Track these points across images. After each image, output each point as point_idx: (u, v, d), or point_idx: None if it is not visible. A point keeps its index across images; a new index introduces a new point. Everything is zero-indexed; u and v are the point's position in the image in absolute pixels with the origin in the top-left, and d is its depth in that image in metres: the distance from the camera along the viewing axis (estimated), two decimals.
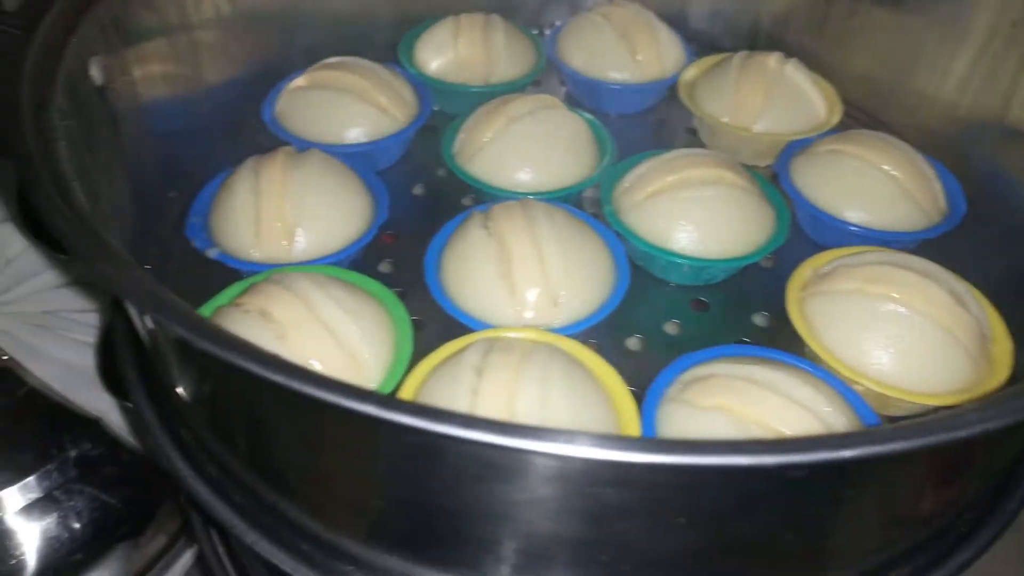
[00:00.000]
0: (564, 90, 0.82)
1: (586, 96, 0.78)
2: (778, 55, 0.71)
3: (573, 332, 0.51)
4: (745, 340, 0.58)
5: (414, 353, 0.49)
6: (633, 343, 0.57)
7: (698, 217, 0.57)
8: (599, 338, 0.57)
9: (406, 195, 0.69)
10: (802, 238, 0.65)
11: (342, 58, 0.70)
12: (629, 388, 0.53)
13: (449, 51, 0.74)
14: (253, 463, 0.43)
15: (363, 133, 0.66)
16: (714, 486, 0.32)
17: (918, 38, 0.71)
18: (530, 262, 0.52)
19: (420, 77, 0.73)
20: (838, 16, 0.77)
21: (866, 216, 0.60)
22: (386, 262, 0.63)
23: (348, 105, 0.66)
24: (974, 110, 0.67)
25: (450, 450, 0.32)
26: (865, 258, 0.53)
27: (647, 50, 0.74)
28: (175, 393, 0.45)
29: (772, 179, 0.66)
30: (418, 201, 0.69)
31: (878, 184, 0.60)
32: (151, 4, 0.59)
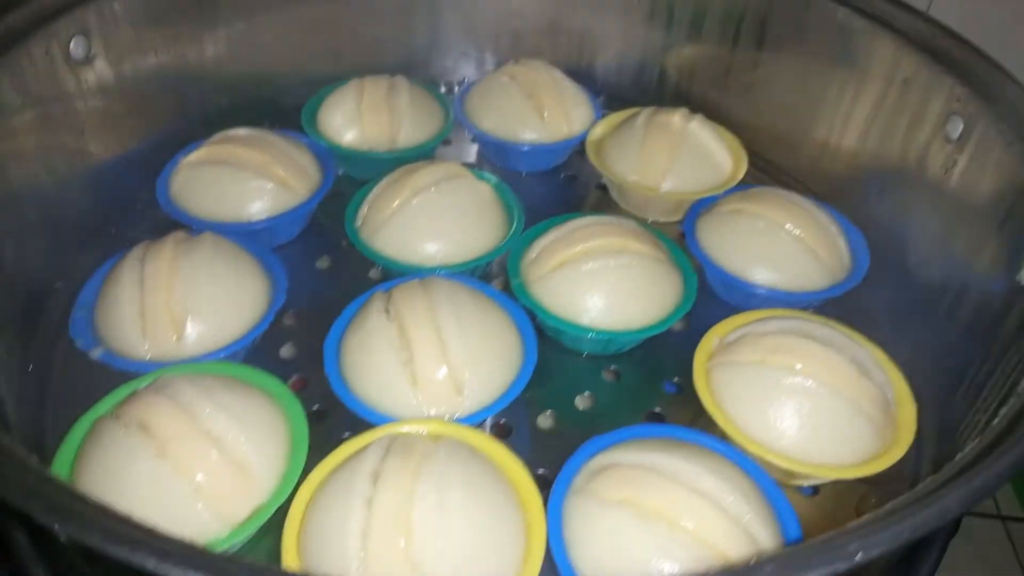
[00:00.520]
0: (476, 147, 0.81)
1: (495, 155, 0.77)
2: (683, 112, 0.71)
3: (478, 420, 0.50)
4: (658, 411, 0.57)
5: (314, 447, 0.47)
6: (545, 420, 0.56)
7: (603, 288, 0.56)
8: (510, 417, 0.56)
9: (310, 269, 0.67)
10: (712, 298, 0.65)
11: (239, 130, 0.67)
12: (540, 472, 0.52)
13: (353, 116, 0.73)
14: None
15: (262, 209, 0.64)
16: None
17: (818, 90, 0.72)
18: (431, 350, 0.50)
19: (323, 145, 0.72)
20: (741, 68, 0.77)
21: (771, 276, 0.60)
22: (288, 345, 0.60)
23: (245, 181, 0.64)
24: (875, 160, 0.69)
25: None
26: (768, 326, 0.53)
27: (554, 110, 0.74)
28: None
29: (680, 238, 0.66)
30: (322, 276, 0.66)
31: (782, 244, 0.61)
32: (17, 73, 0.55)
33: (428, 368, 0.50)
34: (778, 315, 0.55)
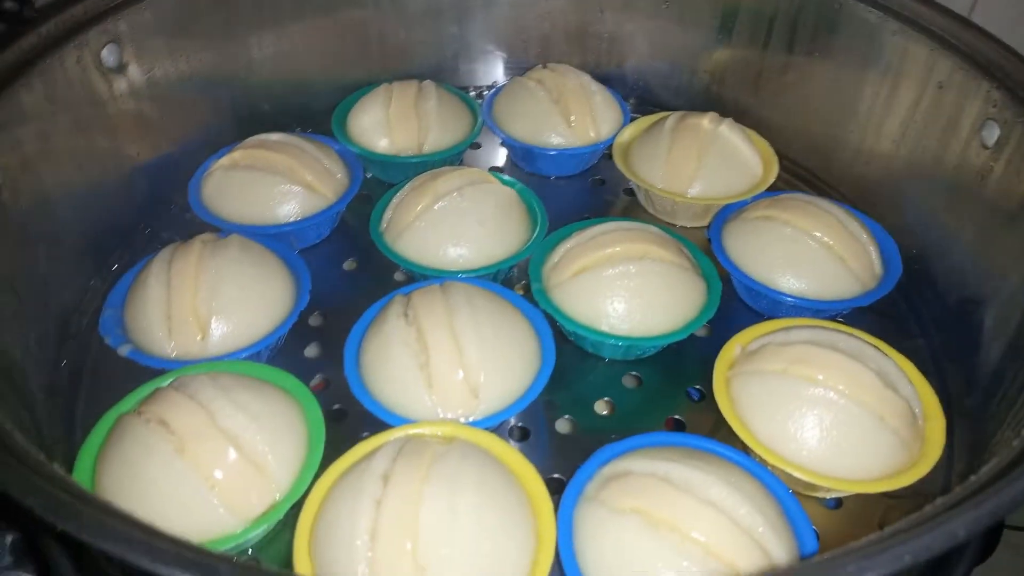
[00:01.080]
0: (505, 151, 0.81)
1: (523, 160, 0.77)
2: (712, 115, 0.70)
3: (493, 424, 0.50)
4: (679, 418, 0.56)
5: (332, 447, 0.48)
6: (563, 425, 0.56)
7: (625, 294, 0.56)
8: (528, 421, 0.56)
9: (337, 271, 0.68)
10: (738, 305, 0.64)
11: (269, 135, 0.69)
12: (555, 476, 0.52)
13: (382, 120, 0.73)
14: None
15: (290, 212, 0.65)
16: None
17: (851, 93, 0.70)
18: (447, 353, 0.50)
19: (352, 149, 0.72)
20: (772, 71, 0.76)
21: (798, 284, 0.59)
22: (313, 345, 0.61)
23: (274, 185, 0.65)
24: (909, 165, 0.67)
25: None
26: (791, 335, 0.52)
27: (581, 114, 0.74)
28: None
29: (707, 243, 0.65)
30: (348, 278, 0.67)
31: (810, 252, 0.59)
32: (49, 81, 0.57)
33: (444, 371, 0.50)
34: (801, 324, 0.54)
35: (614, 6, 0.81)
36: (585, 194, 0.77)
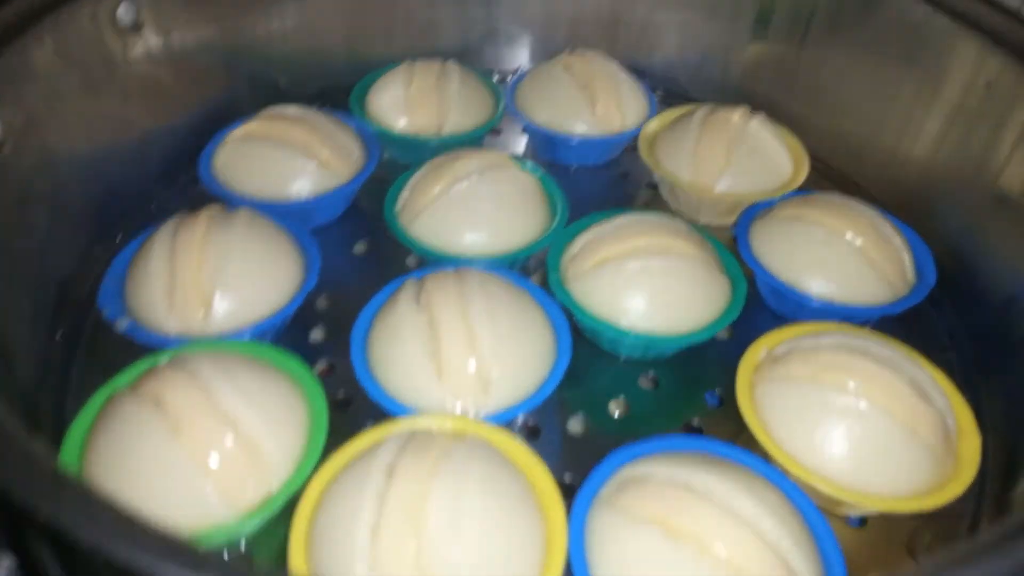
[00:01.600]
0: (526, 138, 0.79)
1: (545, 148, 0.75)
2: (743, 109, 0.68)
3: (505, 419, 0.47)
4: (696, 423, 0.54)
5: (336, 435, 0.45)
6: (576, 424, 0.54)
7: (646, 289, 0.53)
8: (539, 418, 0.54)
9: (347, 253, 0.65)
10: (761, 307, 0.61)
11: (287, 107, 0.66)
12: (566, 478, 0.49)
13: (401, 100, 0.71)
14: None
15: (303, 189, 0.63)
16: None
17: (890, 93, 0.67)
18: (459, 342, 0.48)
19: (369, 128, 0.70)
20: (808, 68, 0.73)
21: (827, 288, 0.57)
22: (318, 328, 0.59)
23: (288, 159, 0.63)
24: (948, 169, 0.64)
25: None
26: (821, 341, 0.49)
27: (608, 103, 0.71)
28: None
29: (732, 242, 0.62)
30: (359, 261, 0.65)
31: (840, 255, 0.57)
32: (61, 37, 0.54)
33: (455, 361, 0.48)
34: (832, 329, 0.52)
35: None
36: (607, 186, 0.74)
